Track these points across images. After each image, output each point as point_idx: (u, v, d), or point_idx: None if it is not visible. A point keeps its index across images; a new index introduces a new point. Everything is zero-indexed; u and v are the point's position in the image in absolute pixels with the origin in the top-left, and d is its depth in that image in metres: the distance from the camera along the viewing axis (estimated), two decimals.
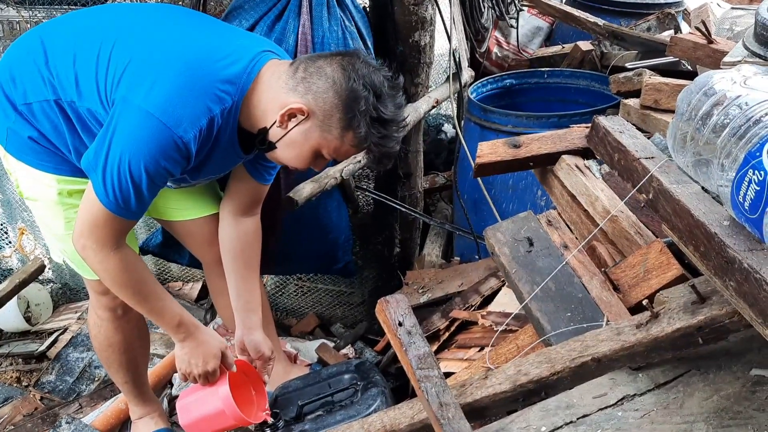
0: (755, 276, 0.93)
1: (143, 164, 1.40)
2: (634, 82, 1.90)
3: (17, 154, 1.61)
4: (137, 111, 1.39)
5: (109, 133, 1.41)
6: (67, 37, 1.55)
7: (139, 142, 1.40)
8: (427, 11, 2.15)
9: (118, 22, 1.58)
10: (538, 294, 1.34)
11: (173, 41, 1.49)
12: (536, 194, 2.14)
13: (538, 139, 1.63)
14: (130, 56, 1.45)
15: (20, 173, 1.64)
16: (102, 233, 1.49)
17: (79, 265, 1.74)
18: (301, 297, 2.74)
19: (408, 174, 2.51)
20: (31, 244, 2.86)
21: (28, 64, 1.54)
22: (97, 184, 1.44)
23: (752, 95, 1.09)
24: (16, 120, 1.56)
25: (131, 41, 1.48)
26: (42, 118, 1.54)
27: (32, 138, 1.57)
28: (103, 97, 1.47)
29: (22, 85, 1.54)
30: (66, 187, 1.63)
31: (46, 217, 1.70)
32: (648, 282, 1.29)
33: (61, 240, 1.71)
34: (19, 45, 1.62)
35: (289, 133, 1.47)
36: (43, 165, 1.60)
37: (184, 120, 1.40)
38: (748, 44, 1.33)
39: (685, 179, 1.18)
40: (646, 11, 2.95)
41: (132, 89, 1.41)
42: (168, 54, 1.45)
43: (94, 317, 1.85)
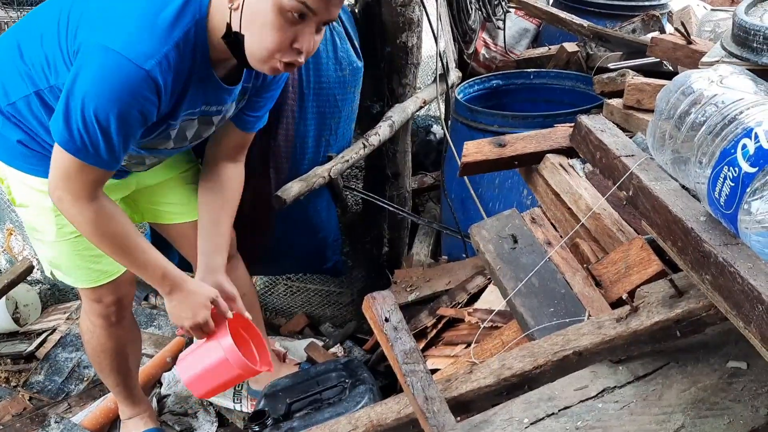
0: (729, 269, 0.96)
1: (109, 105, 1.30)
2: (618, 82, 1.92)
3: (8, 159, 1.59)
4: (96, 49, 1.30)
5: (71, 80, 1.32)
6: (35, 23, 1.51)
7: (102, 81, 1.30)
8: (414, 12, 2.17)
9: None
10: (522, 290, 1.36)
11: None
12: (522, 193, 2.17)
13: (523, 139, 1.65)
14: (84, 7, 1.39)
15: (12, 179, 1.62)
16: (75, 185, 1.41)
17: (67, 274, 1.73)
18: (290, 297, 2.75)
19: (396, 174, 2.53)
20: (19, 245, 2.86)
21: (6, 64, 1.52)
22: (61, 136, 1.36)
23: (728, 94, 1.12)
24: (4, 124, 1.54)
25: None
26: (28, 115, 1.52)
27: (21, 141, 1.55)
28: (67, 59, 1.39)
29: (3, 86, 1.52)
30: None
31: (37, 223, 1.67)
32: (629, 278, 1.31)
33: (50, 247, 1.69)
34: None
35: (245, 8, 1.31)
36: (33, 169, 1.57)
37: (146, 50, 1.29)
38: (726, 45, 1.36)
39: (664, 176, 1.20)
40: (631, 13, 2.99)
41: (89, 32, 1.33)
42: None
43: (87, 323, 1.85)
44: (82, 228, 1.50)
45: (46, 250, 1.73)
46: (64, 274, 1.75)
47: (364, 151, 2.19)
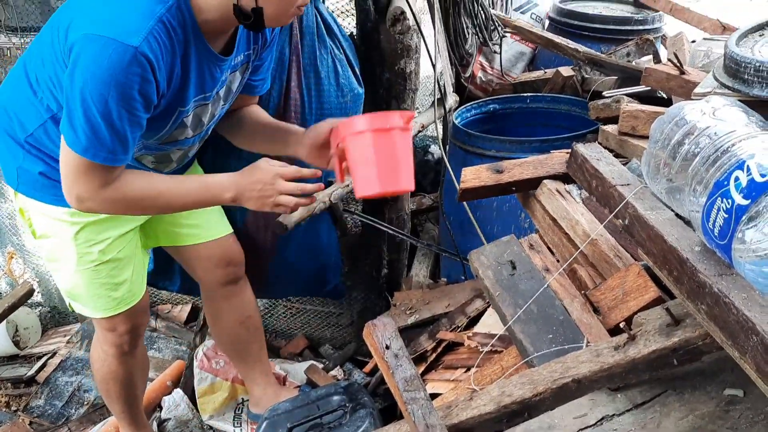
0: (724, 300, 0.98)
1: (105, 89, 1.28)
2: (612, 108, 1.96)
3: (30, 192, 1.61)
4: (82, 41, 1.29)
5: (67, 80, 1.32)
6: (36, 49, 1.53)
7: (94, 67, 1.28)
8: (412, 39, 2.21)
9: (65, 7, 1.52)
10: (521, 316, 1.38)
11: None
12: (520, 216, 2.19)
13: (520, 165, 1.68)
14: (71, 13, 1.40)
15: (33, 212, 1.64)
16: (90, 183, 1.39)
17: (85, 304, 1.76)
18: (290, 318, 2.76)
19: (395, 197, 2.55)
20: (20, 268, 2.87)
21: (19, 96, 1.54)
22: (67, 135, 1.35)
23: (720, 126, 1.15)
24: (25, 157, 1.56)
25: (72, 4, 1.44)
26: (47, 142, 1.53)
27: (43, 173, 1.57)
28: (65, 67, 1.36)
29: (18, 118, 1.55)
30: (79, 219, 1.62)
31: (58, 254, 1.69)
32: (626, 304, 1.33)
33: (70, 278, 1.71)
34: (7, 81, 1.62)
35: None
36: (56, 199, 1.58)
37: (130, 28, 1.28)
38: (718, 76, 1.39)
39: (659, 206, 1.23)
40: (626, 37, 3.03)
41: (76, 31, 1.33)
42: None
43: (98, 351, 1.86)
44: (115, 212, 1.51)
45: (65, 281, 1.75)
46: (82, 305, 1.77)
47: None
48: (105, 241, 1.67)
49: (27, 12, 2.54)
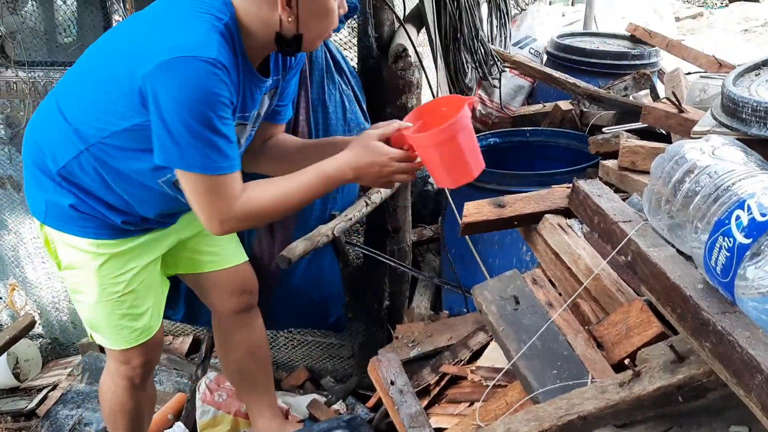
0: (728, 338, 0.99)
1: (201, 104, 1.34)
2: (612, 143, 1.99)
3: (57, 224, 1.63)
4: (162, 69, 1.33)
5: (155, 111, 1.35)
6: (75, 81, 1.57)
7: (185, 88, 1.33)
8: (413, 75, 2.25)
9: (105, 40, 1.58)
10: (525, 352, 1.39)
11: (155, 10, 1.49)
12: (521, 249, 2.21)
13: (522, 199, 1.70)
14: (123, 50, 1.44)
15: (59, 243, 1.66)
16: (223, 200, 1.42)
17: (105, 336, 1.78)
18: (291, 350, 2.76)
19: (397, 229, 2.57)
20: (22, 300, 2.87)
21: (51, 129, 1.58)
22: (181, 161, 1.38)
23: (720, 165, 1.18)
24: (55, 190, 1.59)
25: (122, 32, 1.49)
26: (81, 174, 1.55)
27: (73, 206, 1.59)
28: (128, 101, 1.41)
29: (50, 151, 1.57)
30: (105, 251, 1.65)
31: (81, 285, 1.71)
32: (630, 339, 1.34)
33: (92, 309, 1.73)
34: (38, 115, 1.66)
35: (301, 12, 1.42)
36: (83, 231, 1.61)
37: (201, 42, 1.34)
38: (716, 114, 1.42)
39: (660, 242, 1.25)
40: (623, 72, 3.08)
41: (142, 63, 1.35)
42: (155, 14, 1.46)
43: (109, 383, 1.87)
44: (255, 224, 1.68)
45: (86, 312, 1.77)
46: (101, 336, 1.79)
47: (367, 209, 2.23)
48: (130, 271, 1.71)
49: (34, 47, 2.58)
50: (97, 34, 2.52)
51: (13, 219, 2.78)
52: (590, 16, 4.46)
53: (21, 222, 2.79)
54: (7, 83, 2.70)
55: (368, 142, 1.53)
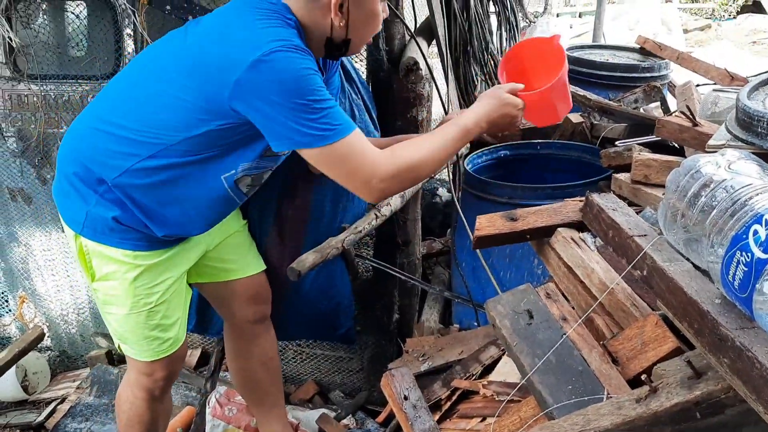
0: (747, 354, 0.98)
1: (305, 84, 1.40)
2: (624, 156, 1.98)
3: (95, 236, 1.64)
4: (256, 67, 1.39)
5: (265, 106, 1.41)
6: (125, 92, 1.62)
7: (286, 77, 1.39)
8: (424, 88, 2.25)
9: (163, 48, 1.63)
10: (540, 367, 1.38)
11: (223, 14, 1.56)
12: (533, 263, 2.20)
13: (535, 213, 1.70)
14: (203, 60, 1.49)
15: (96, 254, 1.67)
16: (366, 156, 1.47)
17: (132, 347, 1.79)
18: (300, 363, 2.75)
19: (407, 242, 2.56)
20: (31, 313, 2.88)
21: (98, 138, 1.60)
22: (307, 140, 1.43)
23: (737, 179, 1.17)
24: (99, 202, 1.61)
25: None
26: (137, 183, 1.58)
27: (116, 218, 1.61)
28: (216, 105, 1.46)
29: (100, 161, 1.59)
30: (141, 262, 1.67)
31: (114, 297, 1.72)
32: (645, 354, 1.33)
33: (122, 321, 1.74)
34: (78, 127, 1.68)
35: (351, 17, 1.52)
36: (122, 242, 1.64)
37: (283, 35, 1.44)
38: (731, 128, 1.41)
39: (677, 257, 1.24)
40: (633, 84, 3.08)
41: (233, 67, 1.42)
42: (222, 24, 1.52)
43: (128, 394, 1.88)
44: (409, 182, 1.58)
45: (117, 324, 1.77)
46: (129, 347, 1.80)
47: (376, 222, 2.23)
48: (164, 282, 1.73)
49: (46, 61, 2.60)
50: (109, 47, 2.55)
51: (23, 231, 2.79)
52: (599, 28, 4.47)
53: (31, 234, 2.79)
54: (18, 96, 2.72)
55: (500, 95, 1.65)
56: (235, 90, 1.42)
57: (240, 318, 2.02)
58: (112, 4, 2.48)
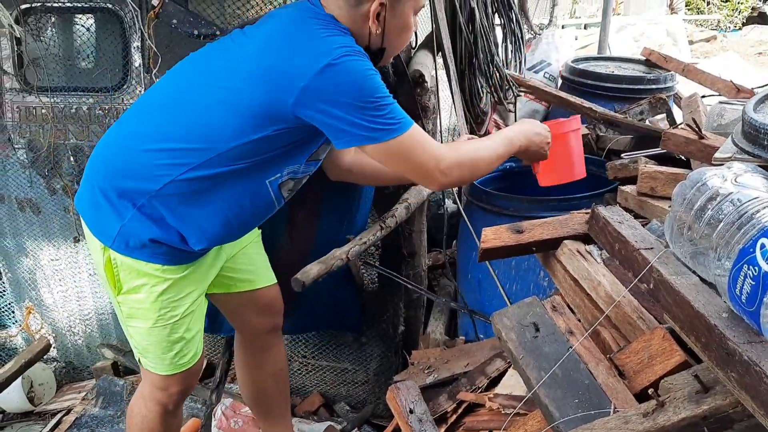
0: (755, 368, 0.97)
1: (371, 83, 1.49)
2: (630, 168, 1.98)
3: (126, 251, 1.64)
4: (325, 73, 1.46)
5: (335, 107, 1.48)
6: (165, 104, 1.63)
7: (355, 78, 1.48)
8: (430, 100, 2.26)
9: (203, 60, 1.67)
10: (546, 380, 1.37)
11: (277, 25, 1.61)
12: (539, 275, 2.19)
13: (540, 225, 1.69)
14: (265, 75, 1.53)
15: (124, 267, 1.67)
16: (430, 145, 1.58)
17: (152, 360, 1.79)
18: (305, 375, 2.74)
19: (412, 253, 2.56)
20: (37, 323, 2.88)
21: (135, 153, 1.61)
22: (377, 135, 1.51)
23: (743, 192, 1.16)
24: (135, 217, 1.61)
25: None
26: (181, 193, 1.59)
27: (154, 239, 1.62)
28: (279, 111, 1.52)
29: (141, 175, 1.60)
30: (170, 276, 1.68)
31: (138, 311, 1.72)
32: (652, 368, 1.32)
33: (144, 334, 1.75)
34: (110, 143, 1.68)
35: (388, 25, 1.59)
36: (154, 257, 1.64)
37: (346, 41, 1.52)
38: (737, 141, 1.41)
39: (683, 270, 1.23)
40: (639, 96, 3.08)
41: (299, 74, 1.48)
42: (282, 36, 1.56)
43: (141, 407, 1.88)
44: (469, 175, 1.71)
45: (140, 338, 1.77)
46: (149, 361, 1.80)
47: (381, 233, 2.23)
48: (189, 295, 1.74)
49: (56, 73, 2.62)
50: (116, 60, 2.57)
51: (31, 242, 2.80)
52: (604, 40, 4.47)
53: (39, 245, 2.80)
54: (27, 108, 2.74)
55: (535, 122, 1.81)
56: (302, 96, 1.48)
57: (252, 329, 2.03)
58: (120, 18, 2.51)
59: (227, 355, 2.48)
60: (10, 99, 2.62)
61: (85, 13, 2.63)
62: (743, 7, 11.22)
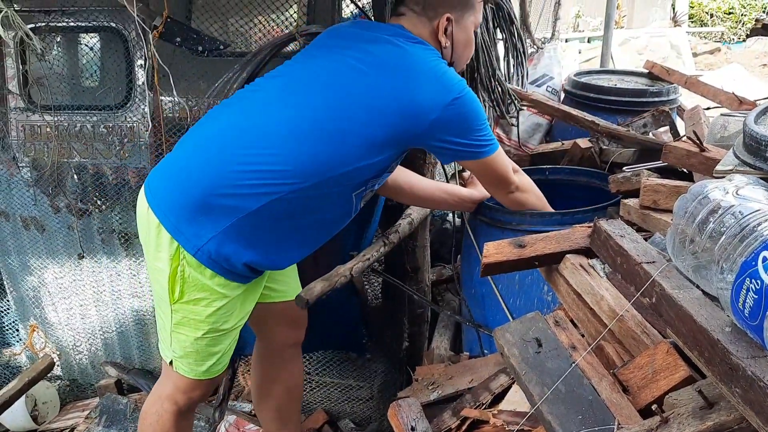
0: (759, 384, 0.96)
1: (479, 113, 1.74)
2: (633, 182, 1.97)
3: (207, 261, 1.66)
4: (452, 107, 1.66)
5: (457, 135, 1.70)
6: (278, 130, 1.66)
7: (471, 113, 1.71)
8: None
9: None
10: (549, 396, 1.36)
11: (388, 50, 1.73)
12: (543, 289, 2.17)
13: (543, 239, 1.68)
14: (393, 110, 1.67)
15: (191, 280, 1.68)
16: (508, 167, 1.90)
17: (188, 365, 1.82)
18: (309, 392, 2.73)
19: (416, 268, 2.55)
20: (41, 342, 2.88)
21: (235, 170, 1.63)
22: (483, 152, 1.78)
23: (745, 205, 1.16)
24: (226, 232, 1.64)
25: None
26: (277, 211, 1.65)
27: (248, 264, 1.68)
28: (379, 137, 1.64)
29: (241, 194, 1.62)
30: (229, 293, 1.72)
31: (194, 321, 1.74)
32: (657, 383, 1.31)
33: (193, 342, 1.77)
34: (214, 161, 1.68)
35: (455, 39, 1.76)
36: (225, 272, 1.69)
37: (456, 77, 1.71)
38: (738, 153, 1.40)
39: (686, 284, 1.22)
40: (642, 109, 3.07)
41: (427, 110, 1.64)
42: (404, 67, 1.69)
43: (158, 407, 1.89)
44: (531, 197, 2.07)
45: (182, 344, 1.79)
46: (184, 365, 1.82)
47: (385, 249, 2.23)
48: (241, 310, 1.79)
49: (60, 92, 2.64)
50: (120, 78, 2.59)
51: (35, 260, 2.81)
52: (607, 53, 4.48)
53: (43, 263, 2.81)
54: (32, 127, 2.76)
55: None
56: (430, 128, 1.65)
57: (277, 340, 2.07)
58: (124, 36, 2.53)
59: (230, 372, 2.48)
60: (14, 118, 2.64)
61: (89, 32, 2.66)
62: (747, 19, 11.23)
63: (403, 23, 1.74)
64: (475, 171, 1.92)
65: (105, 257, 2.73)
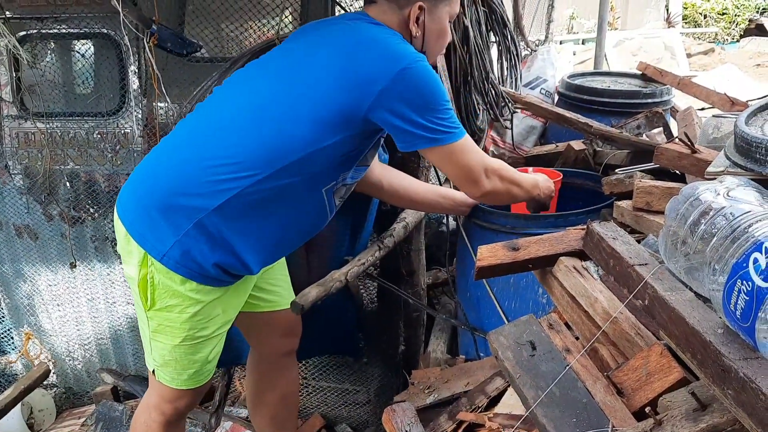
0: (751, 385, 0.95)
1: (437, 87, 1.59)
2: (626, 183, 1.97)
3: (174, 266, 1.64)
4: (401, 76, 1.54)
5: (404, 107, 1.56)
6: (223, 119, 1.64)
7: (425, 82, 1.57)
8: None
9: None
10: (543, 399, 1.35)
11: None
12: (537, 292, 2.18)
13: (536, 242, 1.68)
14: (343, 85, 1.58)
15: (162, 285, 1.66)
16: (477, 153, 1.73)
17: (171, 374, 1.80)
18: (305, 397, 2.73)
19: (411, 272, 2.55)
20: (36, 349, 2.87)
21: (195, 168, 1.61)
22: (439, 138, 1.62)
23: (736, 206, 1.16)
24: (190, 234, 1.61)
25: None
26: (243, 207, 1.60)
27: (218, 264, 1.63)
28: (354, 115, 1.58)
29: (204, 191, 1.59)
30: (203, 298, 1.69)
31: (168, 327, 1.72)
32: (651, 385, 1.30)
33: (170, 350, 1.74)
34: (161, 161, 1.68)
35: (427, 28, 1.69)
36: (196, 276, 1.66)
37: (410, 49, 1.62)
38: (730, 154, 1.40)
39: (678, 286, 1.22)
40: (635, 110, 3.08)
41: (375, 79, 1.55)
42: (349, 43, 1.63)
43: (146, 417, 1.88)
44: (510, 186, 1.86)
45: (161, 352, 1.77)
46: (166, 374, 1.80)
47: (380, 253, 2.22)
48: (220, 316, 1.75)
49: (53, 99, 2.64)
50: (114, 85, 2.59)
51: (28, 268, 2.80)
52: (601, 55, 4.49)
53: (36, 271, 2.80)
54: (25, 134, 2.76)
55: (546, 176, 2.08)
56: (379, 98, 1.55)
57: (271, 349, 2.04)
58: (117, 43, 2.53)
59: (227, 378, 2.47)
60: (7, 125, 2.63)
61: (82, 39, 2.65)
62: (740, 19, 11.27)
63: (370, 10, 1.69)
64: (439, 164, 1.75)
65: (99, 264, 2.73)
